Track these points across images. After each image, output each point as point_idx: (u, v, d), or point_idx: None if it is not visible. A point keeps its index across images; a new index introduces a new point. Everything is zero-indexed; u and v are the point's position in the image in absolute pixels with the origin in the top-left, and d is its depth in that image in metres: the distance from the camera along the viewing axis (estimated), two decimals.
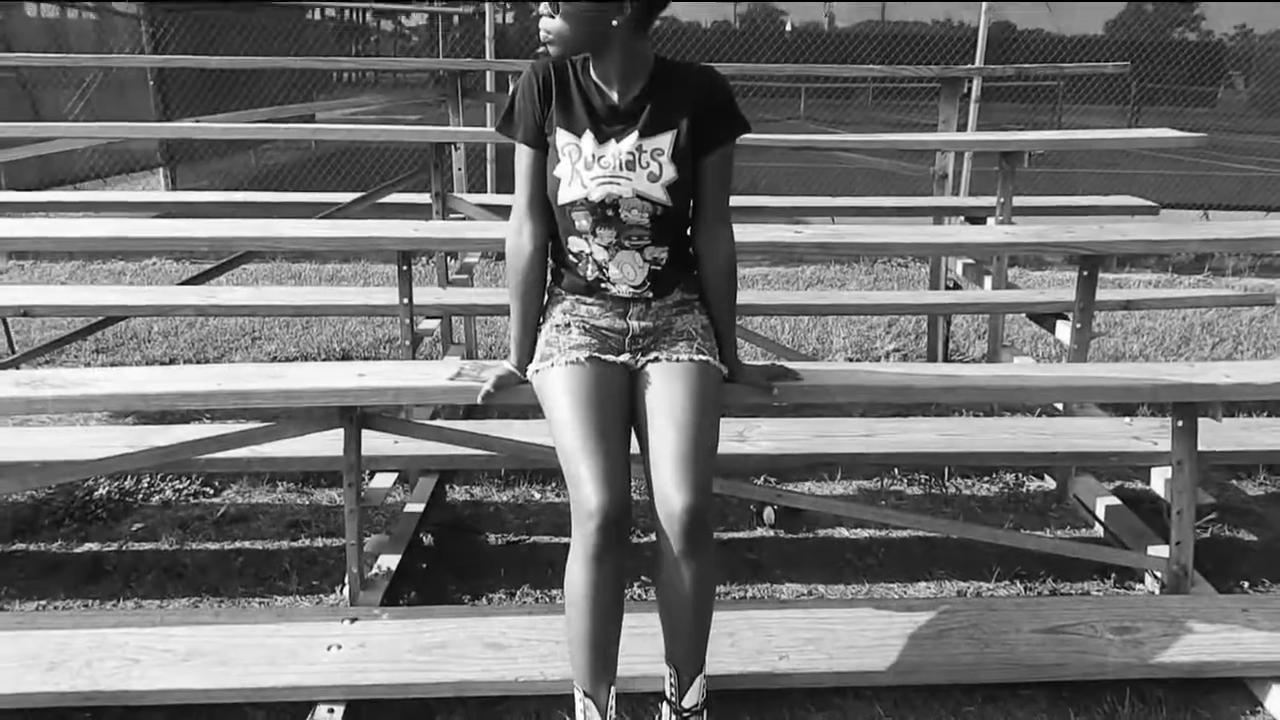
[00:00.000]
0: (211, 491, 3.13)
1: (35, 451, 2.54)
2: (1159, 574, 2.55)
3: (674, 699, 1.88)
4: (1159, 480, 2.72)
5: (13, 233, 2.55)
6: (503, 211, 3.57)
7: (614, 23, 1.87)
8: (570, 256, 2.03)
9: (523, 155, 2.02)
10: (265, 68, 5.81)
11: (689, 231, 2.06)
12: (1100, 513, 3.02)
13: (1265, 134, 15.60)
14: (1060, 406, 3.24)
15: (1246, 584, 2.73)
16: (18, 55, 5.98)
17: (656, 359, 2.02)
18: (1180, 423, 2.46)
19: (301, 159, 10.35)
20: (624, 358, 2.02)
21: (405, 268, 2.87)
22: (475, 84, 4.97)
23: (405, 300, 2.90)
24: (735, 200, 4.25)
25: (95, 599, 2.54)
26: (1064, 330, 3.22)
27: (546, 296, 2.12)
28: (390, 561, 2.55)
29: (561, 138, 1.96)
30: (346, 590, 2.39)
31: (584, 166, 1.94)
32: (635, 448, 1.94)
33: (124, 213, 4.27)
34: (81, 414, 3.47)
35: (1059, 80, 16.97)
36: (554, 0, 1.86)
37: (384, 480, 2.74)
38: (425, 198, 3.60)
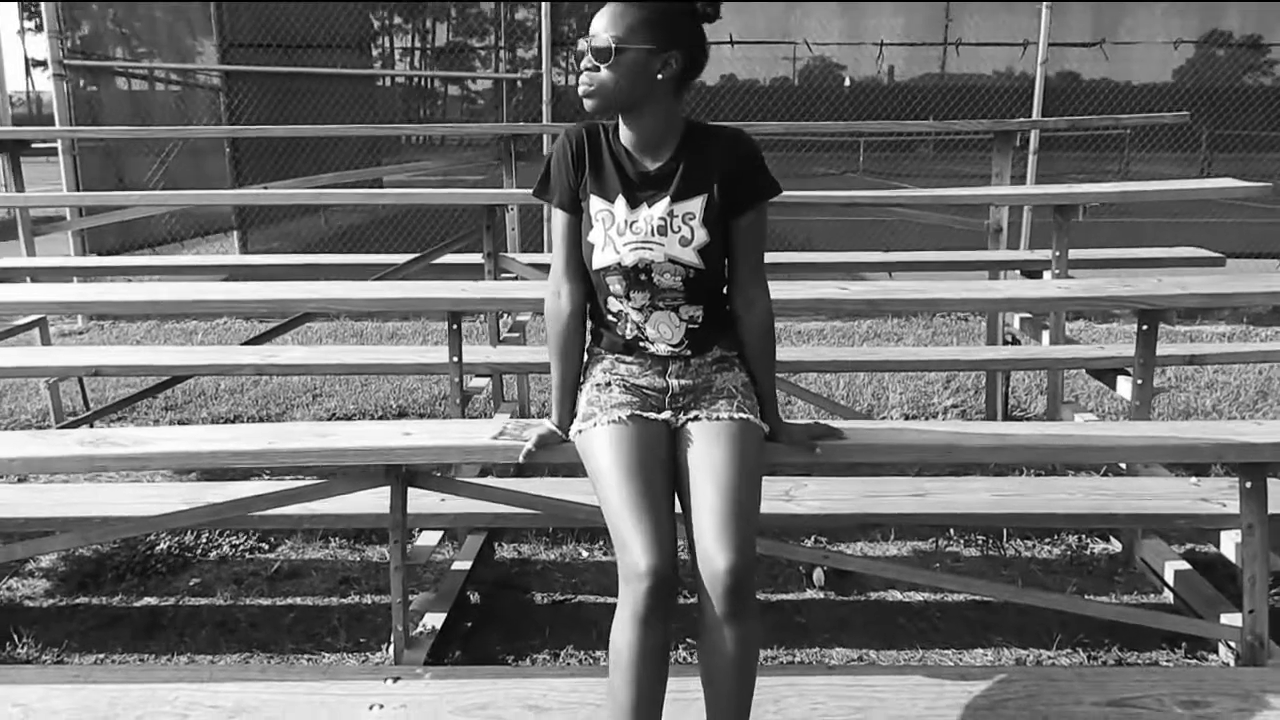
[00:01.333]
0: (266, 547, 3.19)
1: (98, 506, 2.62)
2: (1233, 644, 2.43)
3: None
4: (1229, 544, 2.60)
5: (82, 296, 2.67)
6: None
7: (659, 76, 1.89)
8: (608, 317, 2.05)
9: (558, 219, 2.06)
10: (326, 135, 6.03)
11: (724, 290, 2.07)
12: (1169, 578, 2.89)
13: None
14: (1124, 465, 3.13)
15: None
16: (96, 129, 6.34)
17: (697, 417, 2.01)
18: (1249, 484, 2.36)
19: (368, 221, 10.67)
20: (665, 415, 2.01)
21: (455, 327, 2.92)
22: (531, 146, 5.09)
23: (455, 359, 2.95)
24: (789, 257, 4.28)
25: (151, 653, 2.59)
26: (1125, 386, 3.12)
27: (586, 356, 2.14)
28: (435, 620, 2.55)
29: (595, 204, 1.99)
30: (391, 649, 2.39)
31: (617, 233, 1.96)
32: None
33: (196, 275, 4.45)
34: (146, 470, 3.58)
35: (1125, 129, 16.72)
36: (602, 49, 1.88)
37: (431, 538, 2.76)
38: (480, 258, 3.67)
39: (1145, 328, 2.91)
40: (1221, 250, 3.88)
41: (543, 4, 6.10)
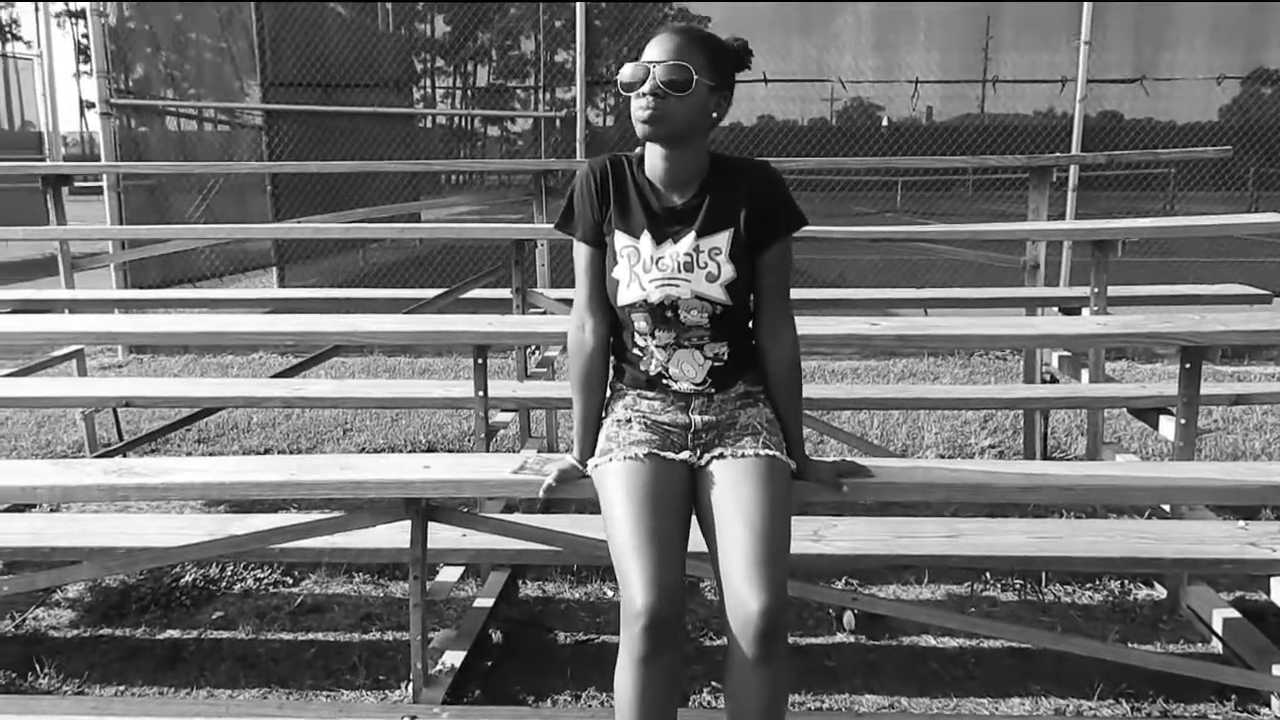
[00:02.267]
0: (291, 581, 3.17)
1: (123, 536, 2.62)
2: None
3: None
4: None
5: (114, 327, 2.69)
6: None
7: (714, 114, 1.91)
8: (632, 352, 2.02)
9: (582, 253, 2.04)
10: (363, 171, 6.12)
11: (750, 324, 2.04)
12: (1217, 626, 2.78)
13: None
14: (1167, 508, 3.03)
15: None
16: (135, 165, 6.51)
17: (721, 455, 1.97)
18: None
19: (405, 258, 10.79)
20: (685, 455, 1.98)
21: (480, 361, 2.90)
22: (564, 183, 5.11)
23: (480, 393, 2.93)
24: (821, 293, 4.22)
25: (171, 686, 2.58)
26: (1168, 426, 3.03)
27: (609, 391, 2.11)
28: (455, 658, 2.51)
29: (620, 240, 1.97)
30: (410, 687, 2.35)
31: (642, 269, 1.93)
32: (695, 544, 1.88)
33: (235, 309, 4.50)
34: (177, 501, 3.59)
35: (1169, 167, 16.49)
36: (681, 79, 1.85)
37: (451, 573, 2.72)
38: (509, 292, 3.67)
39: (1188, 366, 2.82)
40: (1268, 289, 3.78)
41: (577, 39, 6.17)
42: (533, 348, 4.17)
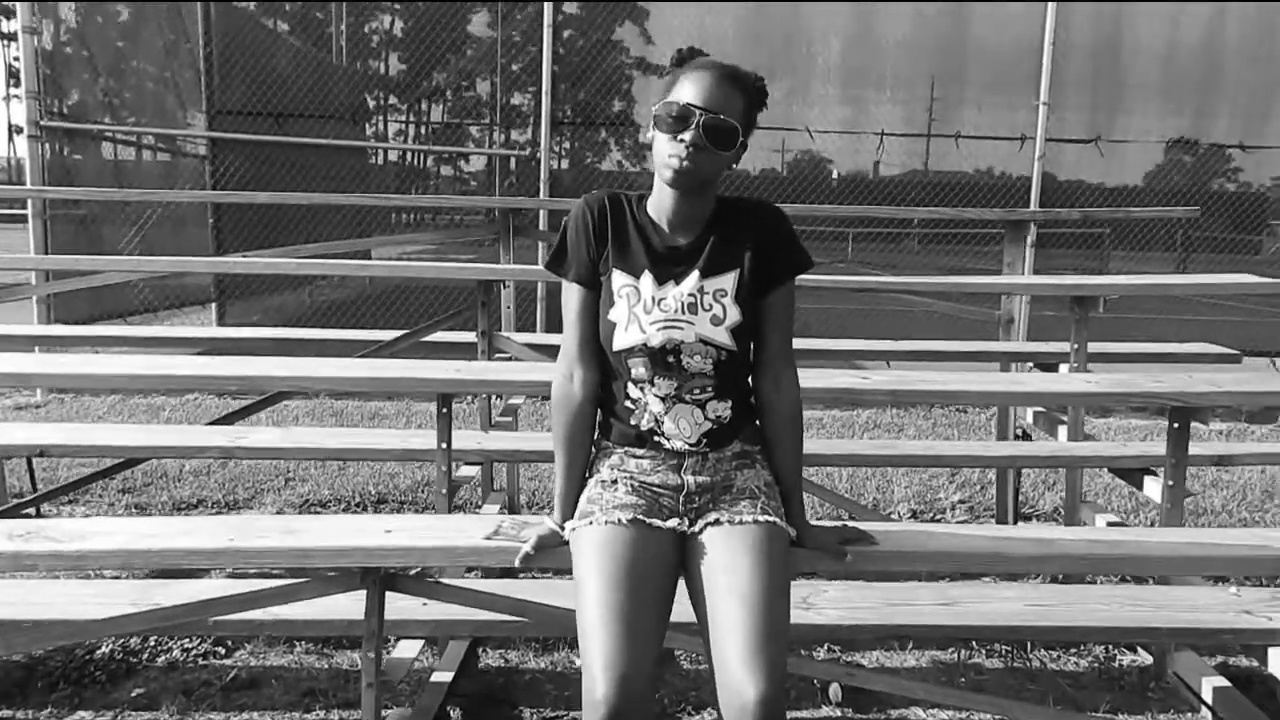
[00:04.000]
0: (223, 651, 2.88)
1: (29, 607, 2.33)
2: None
3: None
4: (1279, 662, 2.38)
5: (35, 368, 2.43)
6: (551, 352, 3.42)
7: (736, 162, 1.82)
8: (623, 404, 1.85)
9: (573, 295, 1.86)
10: (313, 203, 5.88)
11: (749, 380, 1.89)
12: (1207, 695, 2.66)
13: None
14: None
15: None
16: (60, 190, 6.15)
17: (717, 521, 1.80)
18: None
19: (354, 296, 10.48)
20: (673, 522, 1.81)
21: (445, 410, 2.69)
22: (528, 222, 4.95)
23: (443, 445, 2.71)
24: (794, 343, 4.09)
25: None
26: (1153, 487, 2.94)
27: (593, 449, 1.93)
28: None
29: (618, 279, 1.81)
30: None
31: (643, 310, 1.78)
32: (682, 612, 1.70)
33: (168, 348, 4.22)
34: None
35: (1105, 227, 16.94)
36: (729, 131, 1.74)
37: (409, 647, 2.48)
38: (472, 336, 3.47)
39: (1177, 426, 2.73)
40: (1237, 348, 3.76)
41: (543, 73, 6.05)
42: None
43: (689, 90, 1.73)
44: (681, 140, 1.72)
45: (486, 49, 10.85)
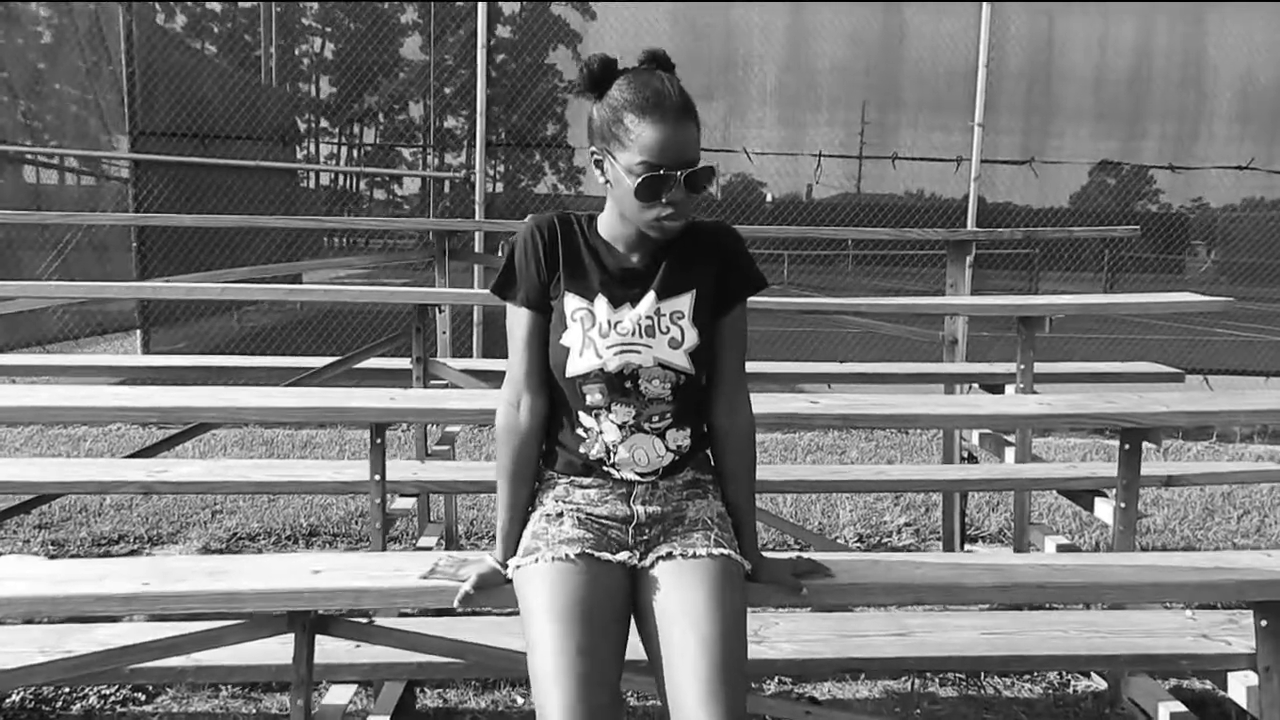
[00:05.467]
0: (143, 698, 2.69)
1: None
2: None
3: None
4: (1239, 687, 2.37)
5: None
6: (490, 378, 3.31)
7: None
8: (573, 433, 1.76)
9: (521, 320, 1.77)
10: (241, 225, 5.67)
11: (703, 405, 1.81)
12: None
13: (1240, 299, 15.80)
14: None
15: None
16: None
17: (670, 554, 1.72)
18: (1265, 622, 2.14)
19: (284, 321, 10.19)
20: (623, 555, 1.72)
21: (379, 441, 2.56)
22: (464, 245, 4.83)
23: (377, 476, 2.58)
24: None
25: None
26: (1105, 509, 2.93)
27: (537, 480, 1.83)
28: None
29: (571, 302, 1.72)
30: None
31: (599, 334, 1.69)
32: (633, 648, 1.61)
33: (88, 377, 4.00)
34: None
35: (1036, 248, 17.36)
36: (708, 175, 1.67)
37: (342, 694, 2.34)
38: (408, 362, 3.34)
39: (1128, 447, 2.72)
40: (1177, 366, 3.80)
41: (478, 93, 5.95)
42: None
43: (653, 144, 1.62)
44: (664, 203, 1.65)
45: (419, 72, 10.75)
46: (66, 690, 2.70)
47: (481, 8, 5.98)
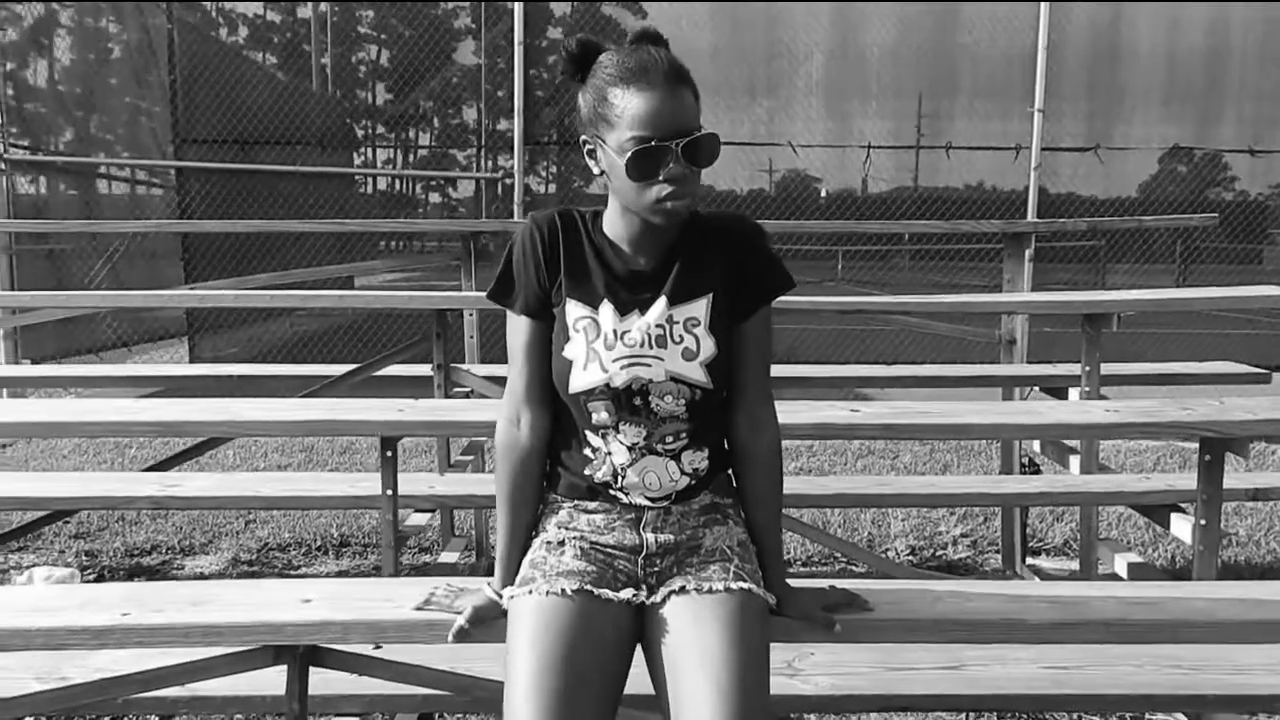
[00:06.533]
0: None
1: None
2: None
3: None
4: None
5: None
6: None
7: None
8: (579, 454, 1.59)
9: (520, 329, 1.60)
10: (283, 230, 5.64)
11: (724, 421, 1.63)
12: None
13: None
14: None
15: None
16: (24, 223, 5.90)
17: (683, 589, 1.54)
18: None
19: (334, 325, 10.19)
20: (628, 593, 1.54)
21: (390, 454, 2.42)
22: (500, 245, 4.69)
23: (388, 491, 2.44)
24: (778, 370, 3.84)
25: None
26: (1182, 526, 2.67)
27: (541, 504, 1.66)
28: None
29: (574, 310, 1.54)
30: None
31: (604, 345, 1.52)
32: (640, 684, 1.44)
33: (127, 387, 3.96)
34: None
35: (1103, 240, 16.73)
36: (713, 148, 1.49)
37: None
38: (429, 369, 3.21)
39: (1209, 458, 2.45)
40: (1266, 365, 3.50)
41: (515, 94, 5.82)
42: None
43: (641, 114, 1.43)
44: (661, 180, 1.45)
45: (471, 76, 10.74)
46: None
47: (518, 8, 5.87)
